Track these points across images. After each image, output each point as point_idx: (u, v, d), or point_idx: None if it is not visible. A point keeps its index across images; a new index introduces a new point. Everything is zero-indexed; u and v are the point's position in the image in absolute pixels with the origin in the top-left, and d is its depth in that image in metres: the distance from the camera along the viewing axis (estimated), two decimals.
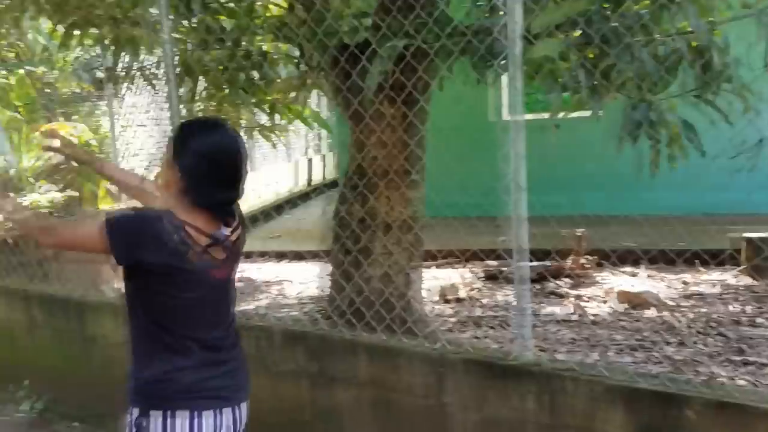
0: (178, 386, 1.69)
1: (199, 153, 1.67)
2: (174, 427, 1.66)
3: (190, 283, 1.68)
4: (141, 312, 1.72)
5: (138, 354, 1.75)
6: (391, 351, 2.73)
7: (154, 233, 1.61)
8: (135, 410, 1.69)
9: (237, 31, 3.87)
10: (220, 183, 1.69)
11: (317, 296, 5.05)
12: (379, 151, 3.37)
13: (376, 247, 3.49)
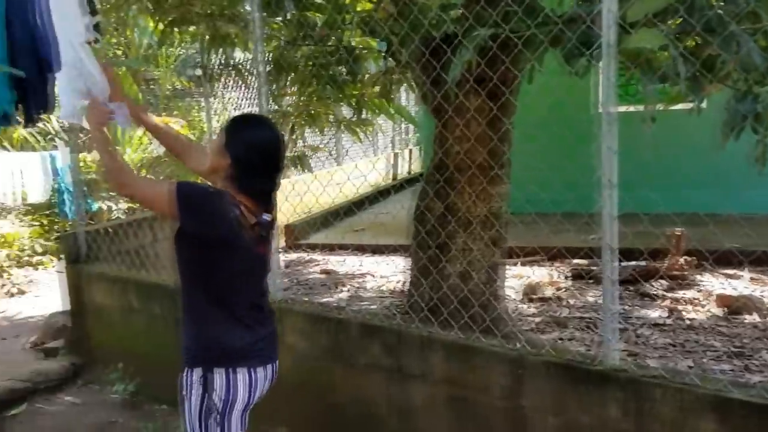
0: (235, 347, 1.93)
1: (250, 145, 1.90)
2: (236, 382, 1.91)
3: (241, 256, 1.91)
4: (198, 281, 1.92)
5: (195, 319, 1.95)
6: (467, 349, 2.68)
7: (219, 207, 1.82)
8: (197, 369, 1.91)
9: (325, 27, 3.91)
10: (265, 173, 1.93)
11: (397, 291, 5.05)
12: (462, 146, 3.30)
13: (456, 244, 3.42)
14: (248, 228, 1.88)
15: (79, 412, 3.68)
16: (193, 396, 1.92)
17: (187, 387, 1.94)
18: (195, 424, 1.93)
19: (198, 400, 1.92)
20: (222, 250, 1.87)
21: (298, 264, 6.32)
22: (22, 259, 6.94)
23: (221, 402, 1.91)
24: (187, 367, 1.95)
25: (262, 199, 1.95)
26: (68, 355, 4.41)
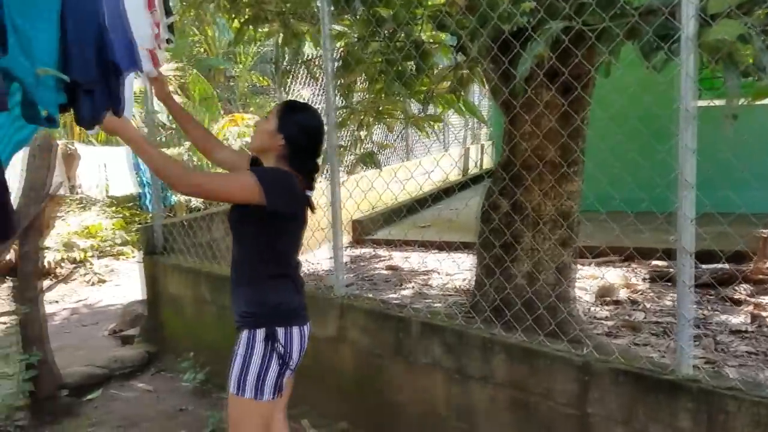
0: (291, 306, 2.18)
1: (302, 127, 2.16)
2: (293, 337, 2.15)
3: (298, 225, 2.21)
4: (263, 251, 2.13)
5: (258, 286, 2.15)
6: (531, 353, 2.60)
7: (291, 186, 2.11)
8: (260, 330, 2.10)
9: (394, 22, 3.89)
10: (313, 154, 2.21)
11: (462, 289, 4.99)
12: (531, 142, 3.22)
13: (523, 243, 3.34)
14: (304, 201, 2.18)
15: (151, 399, 3.82)
16: (255, 354, 2.09)
17: (248, 346, 2.10)
18: (252, 382, 2.08)
19: (260, 358, 2.09)
20: (288, 223, 2.14)
21: (363, 259, 6.36)
22: (104, 250, 7.30)
23: (282, 359, 2.11)
24: (250, 328, 2.12)
25: (309, 176, 2.21)
26: (143, 342, 4.61)
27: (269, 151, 2.17)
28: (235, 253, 2.22)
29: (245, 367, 2.09)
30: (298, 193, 2.14)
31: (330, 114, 3.37)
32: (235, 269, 2.22)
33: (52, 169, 3.55)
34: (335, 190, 3.36)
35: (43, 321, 3.53)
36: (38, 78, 1.33)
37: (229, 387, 2.15)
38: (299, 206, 2.17)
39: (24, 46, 1.32)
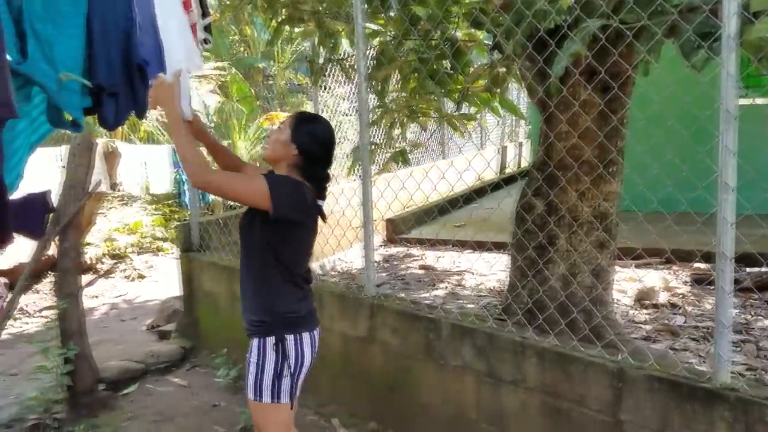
0: (300, 314, 2.21)
1: (315, 138, 2.20)
2: (303, 344, 2.19)
3: (308, 234, 2.24)
4: (272, 259, 2.15)
5: (267, 294, 2.18)
6: (563, 358, 2.55)
7: (300, 194, 2.14)
8: (270, 338, 2.14)
9: (430, 21, 3.86)
10: (324, 164, 2.25)
11: (496, 290, 4.94)
12: (568, 141, 3.15)
13: (558, 245, 3.28)
14: (314, 210, 2.23)
15: (185, 394, 3.88)
16: (268, 362, 2.14)
17: (260, 354, 2.15)
18: (267, 388, 2.14)
19: (273, 365, 2.14)
20: (295, 230, 2.17)
21: (396, 259, 6.34)
22: (143, 246, 7.45)
23: (294, 365, 2.16)
24: (260, 337, 2.17)
25: (320, 186, 2.25)
26: (179, 338, 4.69)
27: (282, 161, 2.21)
28: (243, 260, 2.28)
29: (259, 375, 2.15)
30: (307, 202, 2.18)
31: (362, 113, 3.36)
32: (244, 277, 2.27)
33: (91, 167, 3.63)
34: (367, 190, 3.35)
35: (82, 316, 3.61)
36: (61, 83, 1.35)
37: (247, 393, 2.21)
38: (307, 215, 2.21)
39: (45, 52, 1.34)
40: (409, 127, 5.26)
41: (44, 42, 1.33)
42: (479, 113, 5.24)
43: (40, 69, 1.33)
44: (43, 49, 1.33)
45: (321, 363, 3.54)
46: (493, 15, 3.16)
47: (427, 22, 3.75)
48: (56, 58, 1.36)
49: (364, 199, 3.36)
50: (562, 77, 2.64)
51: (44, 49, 1.33)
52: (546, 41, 2.81)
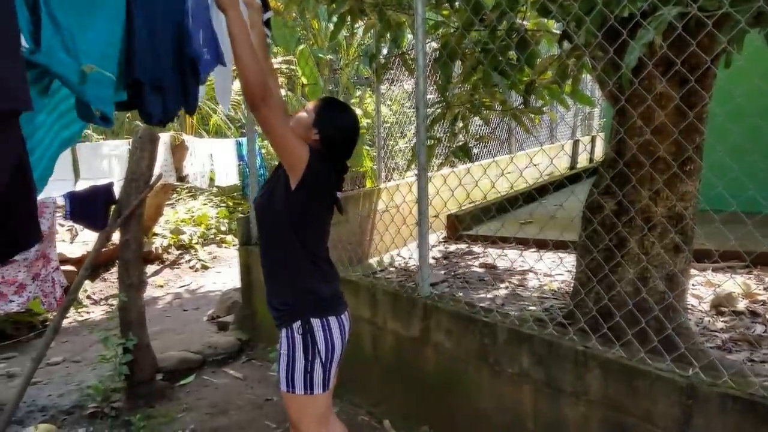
0: (323, 296, 2.14)
1: (338, 127, 2.15)
2: (330, 328, 2.11)
3: (327, 214, 2.20)
4: (291, 235, 2.09)
5: (290, 277, 2.13)
6: (629, 370, 2.37)
7: (329, 173, 2.12)
8: (296, 323, 2.08)
9: (496, 10, 3.71)
10: (344, 155, 2.19)
11: (561, 291, 4.72)
12: (642, 137, 2.94)
13: (629, 247, 3.07)
14: (334, 194, 2.19)
15: (240, 387, 3.90)
16: (297, 349, 2.07)
17: (289, 343, 2.08)
18: (300, 378, 2.07)
19: (302, 352, 2.07)
20: (317, 206, 2.13)
21: (456, 256, 6.19)
22: (208, 237, 7.60)
23: (324, 352, 2.09)
24: (286, 325, 2.10)
25: (337, 177, 2.20)
26: (237, 330, 4.73)
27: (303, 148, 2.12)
28: (262, 245, 2.23)
29: (291, 365, 2.08)
30: (330, 182, 2.16)
31: (419, 108, 3.25)
32: (265, 263, 2.23)
33: (153, 160, 3.67)
34: (422, 186, 3.24)
35: (142, 307, 3.67)
36: (85, 75, 1.30)
37: (280, 385, 2.14)
38: (329, 194, 2.17)
39: (66, 42, 1.28)
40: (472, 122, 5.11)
41: (65, 31, 1.28)
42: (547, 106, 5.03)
43: (58, 59, 1.28)
44: (64, 38, 1.28)
45: (374, 362, 3.50)
46: (563, 3, 2.98)
47: (493, 12, 3.60)
48: (79, 49, 1.31)
49: (420, 195, 3.25)
50: (635, 69, 2.44)
51: (65, 39, 1.28)
52: (618, 30, 2.61)
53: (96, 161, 5.41)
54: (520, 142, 10.64)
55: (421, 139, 3.25)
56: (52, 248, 3.28)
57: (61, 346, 4.66)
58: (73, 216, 3.34)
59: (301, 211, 2.09)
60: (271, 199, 2.13)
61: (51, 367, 4.21)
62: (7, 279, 3.04)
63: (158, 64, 1.51)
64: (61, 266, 5.18)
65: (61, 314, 3.32)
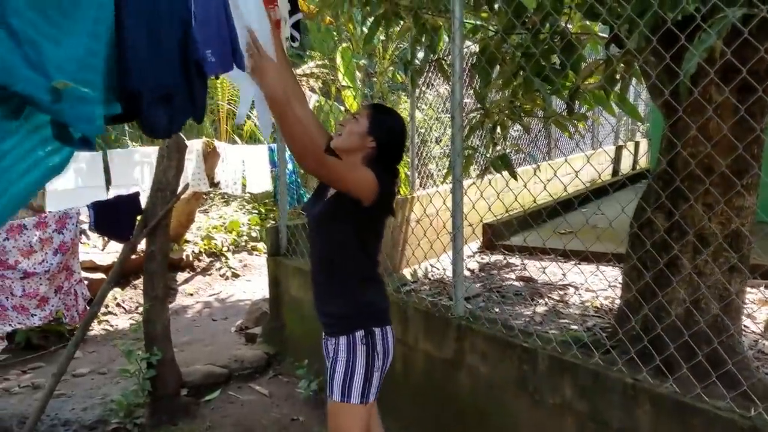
0: (383, 307, 2.20)
1: (392, 131, 2.20)
2: (388, 338, 2.18)
3: (384, 226, 2.23)
4: (356, 249, 2.12)
5: (349, 287, 2.15)
6: (684, 407, 2.15)
7: (392, 185, 2.15)
8: (358, 332, 2.10)
9: (539, 13, 3.52)
10: (399, 156, 2.25)
11: (605, 309, 4.47)
12: (697, 149, 2.71)
13: (682, 267, 2.84)
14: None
15: (266, 405, 3.75)
16: (359, 358, 2.09)
17: (350, 351, 2.09)
18: (358, 387, 2.08)
19: (364, 362, 2.09)
20: (379, 224, 2.20)
21: (493, 268, 5.97)
22: (239, 245, 7.52)
23: (382, 361, 2.14)
24: (347, 333, 2.11)
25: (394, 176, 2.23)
26: (264, 343, 4.60)
27: (356, 152, 2.17)
28: (319, 253, 2.23)
29: (350, 373, 2.08)
30: (395, 193, 2.20)
31: (455, 116, 3.08)
32: (322, 271, 2.22)
33: (180, 170, 3.57)
34: (457, 199, 3.06)
35: (166, 319, 3.57)
36: (59, 92, 1.15)
37: (331, 395, 2.12)
38: (392, 207, 2.21)
39: (30, 56, 1.13)
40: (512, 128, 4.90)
41: (26, 44, 1.14)
42: (590, 111, 4.81)
43: (21, 77, 1.14)
44: (26, 52, 1.14)
45: (404, 382, 3.32)
46: (612, 5, 2.78)
47: (536, 14, 3.41)
48: (49, 63, 1.17)
49: (454, 209, 3.07)
50: (693, 76, 2.22)
51: (27, 53, 1.14)
52: (675, 34, 2.39)
53: (128, 168, 5.37)
54: (560, 149, 10.33)
55: (456, 149, 3.08)
56: (75, 260, 3.20)
57: (87, 357, 4.60)
58: (97, 227, 3.25)
59: (369, 223, 2.15)
60: (336, 214, 2.12)
61: (76, 379, 4.14)
62: (28, 292, 2.96)
63: (164, 71, 1.37)
64: (91, 274, 5.16)
65: (83, 328, 3.24)
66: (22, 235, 2.92)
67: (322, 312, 2.22)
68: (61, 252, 3.06)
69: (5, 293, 2.90)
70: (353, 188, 2.02)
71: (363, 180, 2.03)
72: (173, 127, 1.42)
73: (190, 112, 1.46)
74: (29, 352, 4.54)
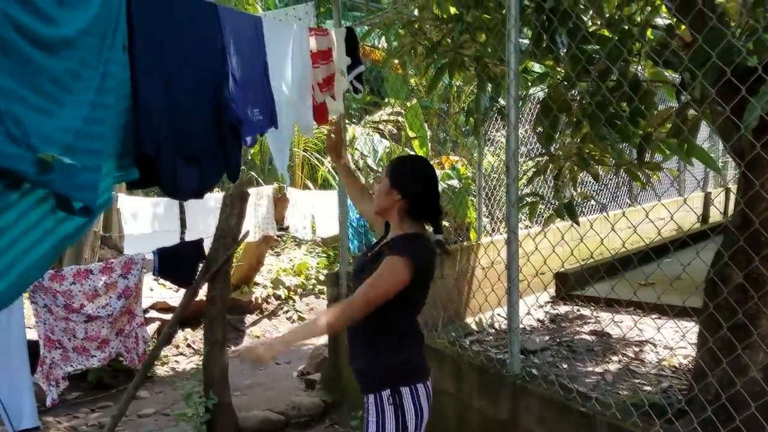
0: (412, 365, 2.13)
1: (414, 177, 2.16)
2: (419, 395, 2.09)
3: (426, 284, 2.15)
4: (390, 313, 2.04)
5: (383, 345, 2.10)
6: None
7: (429, 253, 2.12)
8: (385, 391, 2.05)
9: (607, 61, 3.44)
10: (431, 200, 2.18)
11: (683, 368, 4.16)
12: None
13: (760, 327, 2.62)
14: (435, 260, 2.17)
15: None
16: (388, 419, 2.03)
17: (378, 411, 2.05)
18: None
19: (393, 423, 2.04)
20: (413, 293, 2.07)
21: (564, 319, 5.71)
22: (307, 288, 7.61)
23: (414, 420, 2.06)
24: (374, 391, 2.08)
25: (436, 222, 2.23)
26: (323, 390, 4.58)
27: (391, 210, 2.18)
28: None
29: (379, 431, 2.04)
30: (434, 260, 2.15)
31: (510, 166, 3.01)
32: (351, 327, 2.17)
33: (242, 217, 3.67)
34: (512, 251, 2.96)
35: (225, 365, 3.63)
36: (48, 164, 1.17)
37: None
38: (433, 272, 2.16)
39: (11, 130, 1.16)
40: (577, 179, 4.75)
41: (7, 118, 1.14)
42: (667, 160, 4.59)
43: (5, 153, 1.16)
44: (7, 127, 1.15)
45: None
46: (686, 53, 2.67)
47: (603, 62, 3.32)
48: (34, 136, 1.16)
49: (509, 261, 2.97)
50: (759, 128, 2.08)
51: (8, 128, 1.14)
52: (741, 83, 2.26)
53: (202, 215, 5.58)
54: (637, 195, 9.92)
55: (511, 199, 3.00)
56: (138, 304, 3.32)
57: (154, 397, 4.73)
58: (161, 272, 3.37)
59: (406, 297, 2.06)
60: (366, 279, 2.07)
61: (141, 419, 4.25)
62: (90, 335, 3.09)
63: (189, 135, 1.40)
64: (163, 315, 5.35)
65: (143, 370, 3.34)
66: (89, 279, 3.07)
67: (353, 367, 2.20)
68: (124, 297, 3.19)
69: (68, 335, 3.04)
70: (393, 294, 2.00)
71: (393, 285, 1.99)
72: (204, 187, 1.45)
73: (222, 172, 1.49)
74: (100, 391, 4.72)
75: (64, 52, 1.20)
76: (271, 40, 2.26)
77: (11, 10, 1.09)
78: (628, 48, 3.19)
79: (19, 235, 1.29)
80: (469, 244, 6.04)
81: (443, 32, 4.10)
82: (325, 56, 3.07)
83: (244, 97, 1.63)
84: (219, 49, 1.50)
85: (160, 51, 1.36)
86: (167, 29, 1.38)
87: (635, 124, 3.67)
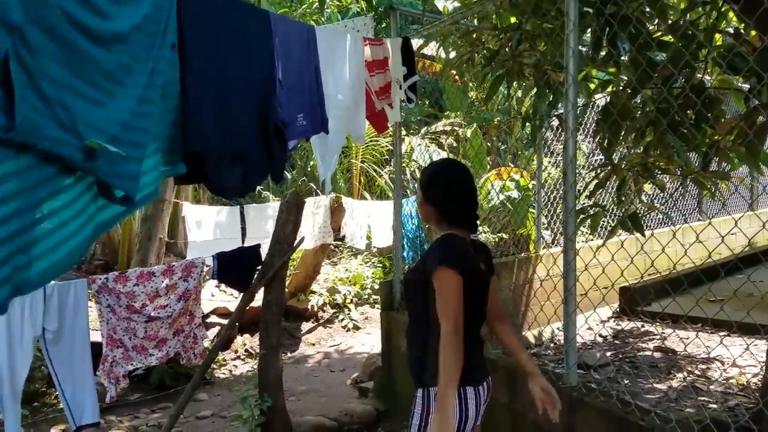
0: (467, 368, 2.05)
1: (436, 183, 2.19)
2: (466, 398, 2.09)
3: (473, 279, 2.11)
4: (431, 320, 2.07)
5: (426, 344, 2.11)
6: None
7: (467, 255, 2.13)
8: (433, 389, 2.05)
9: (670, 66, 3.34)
10: (459, 200, 2.19)
11: (753, 387, 3.95)
12: None
13: None
14: (473, 254, 2.17)
15: None
16: (431, 414, 2.07)
17: (424, 405, 2.10)
18: None
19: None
20: (469, 279, 2.08)
21: (629, 335, 5.52)
22: (362, 297, 7.64)
23: (457, 419, 2.03)
24: (423, 386, 2.12)
25: (471, 222, 2.22)
26: (375, 398, 4.57)
27: (431, 221, 2.25)
28: (412, 310, 2.28)
29: (422, 427, 2.09)
30: (471, 259, 2.15)
31: (567, 173, 2.95)
32: (411, 331, 2.26)
33: (297, 225, 3.73)
34: (568, 260, 2.89)
35: (279, 369, 3.68)
36: (93, 151, 1.22)
37: None
38: (472, 270, 2.13)
39: (61, 117, 1.21)
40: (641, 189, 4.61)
41: (57, 105, 1.21)
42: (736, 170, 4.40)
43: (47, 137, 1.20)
44: (56, 113, 1.21)
45: None
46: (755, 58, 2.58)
47: (668, 67, 3.23)
48: (81, 124, 1.23)
49: (566, 270, 2.90)
50: None
51: (58, 114, 1.21)
52: None
53: (261, 222, 5.72)
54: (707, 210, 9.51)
55: (568, 208, 2.94)
56: (197, 306, 3.42)
57: (213, 400, 4.84)
58: (219, 276, 3.47)
59: None
60: (423, 281, 2.13)
61: (199, 421, 4.36)
62: (149, 334, 3.20)
63: (235, 134, 1.44)
64: (223, 320, 5.48)
65: (200, 373, 3.43)
66: (151, 281, 3.19)
67: (409, 364, 2.24)
68: (184, 299, 3.29)
69: (129, 334, 3.16)
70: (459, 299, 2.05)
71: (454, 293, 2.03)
72: (247, 187, 1.49)
73: (267, 173, 1.52)
74: (161, 392, 4.87)
75: (116, 46, 1.27)
76: (325, 48, 2.30)
77: (66, 4, 1.17)
78: (694, 53, 3.10)
79: (68, 218, 1.36)
80: (527, 255, 5.93)
81: (501, 41, 4.08)
82: (381, 65, 3.10)
83: (290, 102, 1.66)
84: (268, 54, 1.55)
85: (209, 52, 1.41)
86: (217, 31, 1.44)
87: (701, 132, 3.55)
